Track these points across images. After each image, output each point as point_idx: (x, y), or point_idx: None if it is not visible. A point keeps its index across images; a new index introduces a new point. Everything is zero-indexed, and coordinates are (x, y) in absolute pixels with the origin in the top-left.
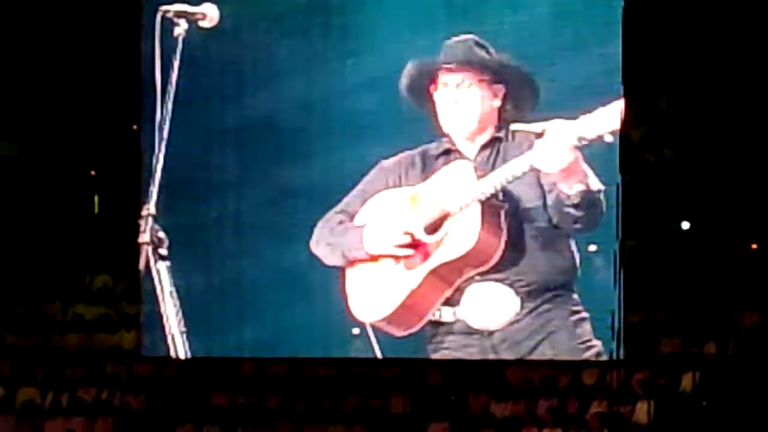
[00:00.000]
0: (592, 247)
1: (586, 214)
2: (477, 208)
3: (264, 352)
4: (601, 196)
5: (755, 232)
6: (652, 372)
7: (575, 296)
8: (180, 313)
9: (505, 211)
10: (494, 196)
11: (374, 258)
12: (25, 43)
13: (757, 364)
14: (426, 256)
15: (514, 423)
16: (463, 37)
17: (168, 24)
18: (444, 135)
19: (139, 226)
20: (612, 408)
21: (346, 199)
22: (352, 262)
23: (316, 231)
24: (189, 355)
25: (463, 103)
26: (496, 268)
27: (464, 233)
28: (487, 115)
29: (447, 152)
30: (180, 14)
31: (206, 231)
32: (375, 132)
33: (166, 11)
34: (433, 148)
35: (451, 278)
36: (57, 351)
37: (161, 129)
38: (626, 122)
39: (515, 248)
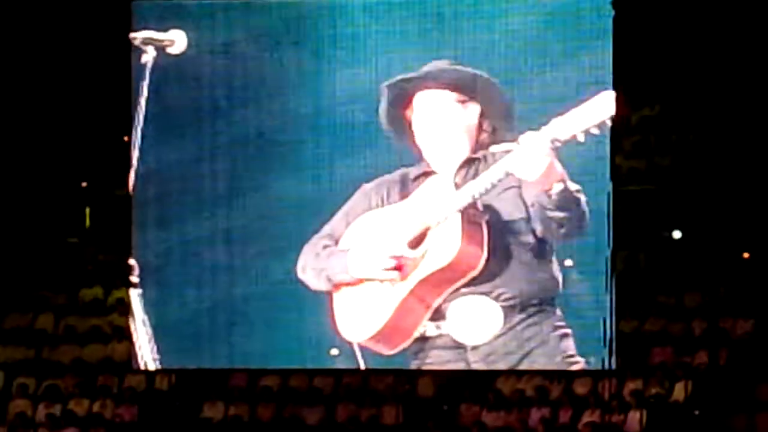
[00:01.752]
0: (569, 262)
1: (569, 215)
2: (457, 220)
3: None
4: (581, 196)
5: (747, 241)
6: (644, 381)
7: (558, 312)
8: (152, 341)
9: (486, 222)
10: (473, 206)
11: (360, 280)
12: (16, 55)
13: (749, 373)
14: (409, 271)
15: None
16: (436, 61)
17: (137, 50)
18: (421, 158)
19: (130, 238)
20: (604, 418)
21: (329, 224)
22: (337, 286)
23: (302, 257)
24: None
25: (438, 123)
26: (480, 279)
27: (446, 245)
28: (463, 135)
29: (426, 174)
30: (147, 41)
31: (197, 245)
32: (367, 145)
33: (134, 38)
34: (413, 171)
35: (435, 292)
36: (49, 363)
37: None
38: (617, 131)
39: (498, 258)
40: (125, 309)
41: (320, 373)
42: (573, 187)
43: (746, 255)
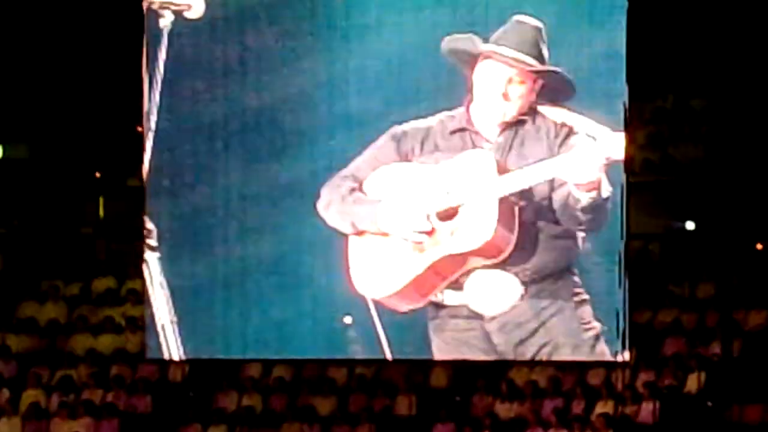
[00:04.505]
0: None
1: (592, 218)
2: (495, 204)
3: (259, 345)
4: (608, 202)
5: (760, 232)
6: (657, 372)
7: (576, 278)
8: (170, 303)
9: (519, 208)
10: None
11: (384, 233)
12: (31, 49)
13: (762, 364)
14: (437, 242)
15: (519, 424)
16: (527, 20)
17: (153, 16)
18: (467, 111)
19: (143, 228)
20: (617, 408)
21: (354, 164)
22: (360, 233)
23: (325, 194)
24: (180, 348)
25: (507, 95)
26: (505, 261)
27: (480, 227)
28: (521, 105)
29: (463, 130)
30: (165, 5)
31: (197, 221)
32: (363, 127)
33: (151, 2)
34: (450, 121)
35: (458, 266)
36: (62, 353)
37: (149, 119)
38: (631, 122)
39: (525, 243)
40: (138, 299)
41: (334, 363)
42: (605, 194)
43: (760, 246)
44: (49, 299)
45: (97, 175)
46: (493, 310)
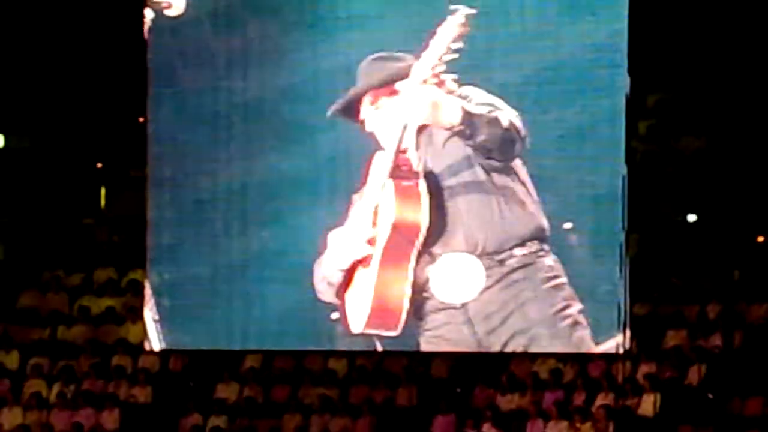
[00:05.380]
0: (567, 225)
1: (488, 137)
2: (391, 185)
3: (260, 337)
4: (497, 114)
5: (761, 225)
6: (658, 364)
7: (548, 261)
8: (152, 301)
9: (420, 177)
10: (399, 168)
11: (349, 272)
12: (33, 41)
13: (764, 357)
14: (375, 246)
15: (519, 416)
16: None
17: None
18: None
19: (145, 219)
20: (618, 401)
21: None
22: (339, 288)
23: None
24: (162, 345)
25: (382, 113)
26: (438, 234)
27: (387, 211)
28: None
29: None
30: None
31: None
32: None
33: None
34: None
35: (402, 258)
36: (63, 343)
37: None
38: (632, 114)
39: (447, 209)
40: (139, 290)
41: (334, 354)
42: (476, 110)
43: (761, 239)
44: (50, 289)
45: (99, 165)
46: (464, 297)
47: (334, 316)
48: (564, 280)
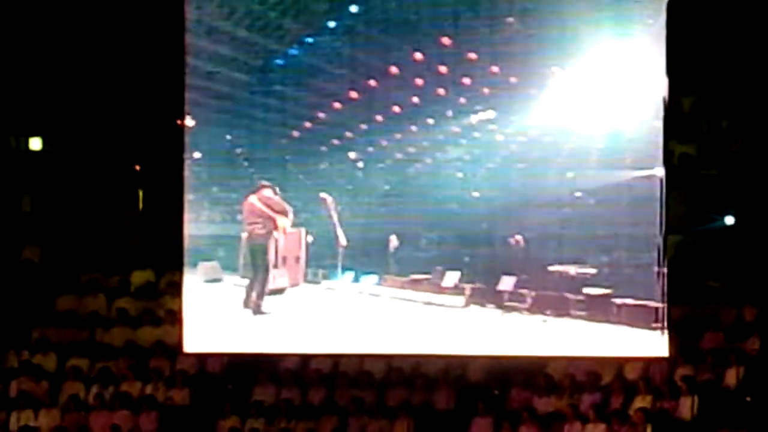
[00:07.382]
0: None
1: None
2: None
3: None
4: None
5: None
6: (695, 367)
7: None
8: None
9: None
10: None
11: None
12: (73, 46)
13: None
14: None
15: (557, 418)
16: None
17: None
18: None
19: (182, 222)
20: (655, 403)
21: None
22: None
23: None
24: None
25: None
26: None
27: None
28: None
29: None
30: None
31: None
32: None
33: None
34: None
35: None
36: (101, 345)
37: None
38: (671, 116)
39: None
40: (177, 292)
41: (372, 356)
42: None
43: None
44: (88, 292)
45: (137, 168)
46: None
47: None
48: None
